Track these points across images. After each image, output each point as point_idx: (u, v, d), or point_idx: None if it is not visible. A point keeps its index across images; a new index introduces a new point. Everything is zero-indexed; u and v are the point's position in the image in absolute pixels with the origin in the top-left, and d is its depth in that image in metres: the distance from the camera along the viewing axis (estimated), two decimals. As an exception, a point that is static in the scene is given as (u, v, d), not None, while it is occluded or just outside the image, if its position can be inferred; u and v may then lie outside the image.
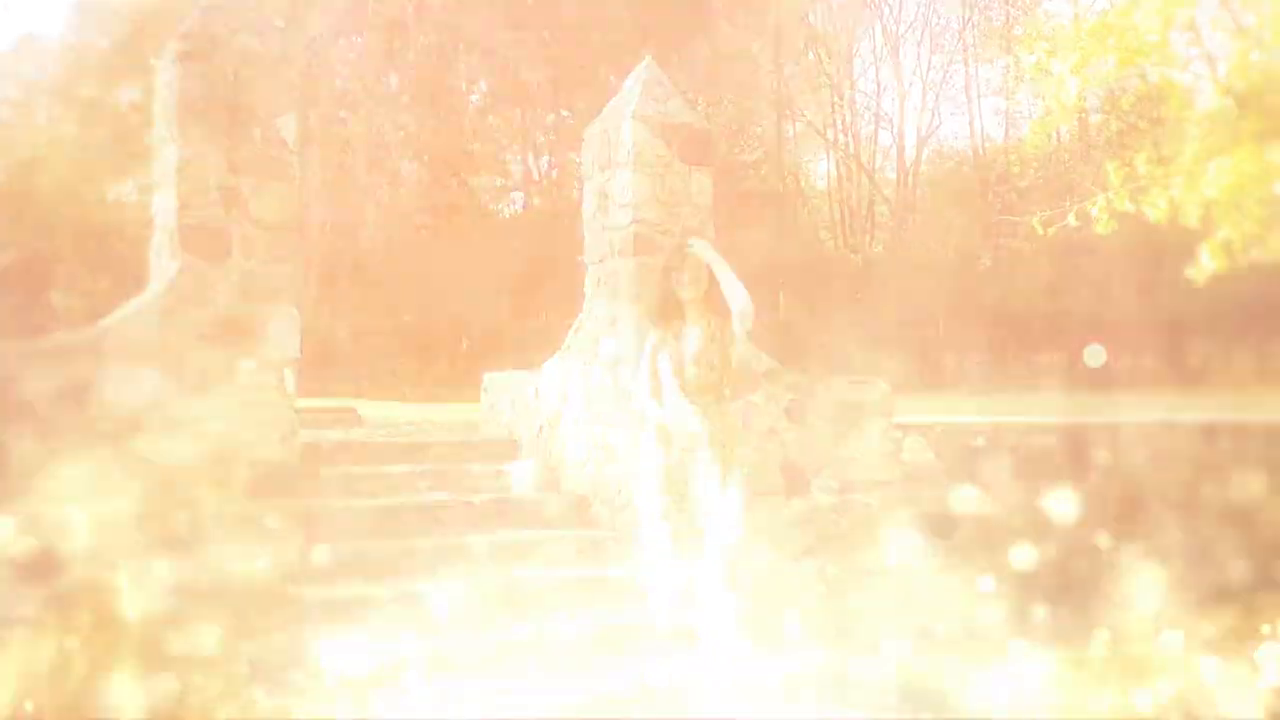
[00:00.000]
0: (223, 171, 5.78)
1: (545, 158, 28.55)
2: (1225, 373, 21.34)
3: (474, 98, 26.92)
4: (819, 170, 34.69)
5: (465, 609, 5.63)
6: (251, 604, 5.52)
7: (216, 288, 5.71)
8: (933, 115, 29.73)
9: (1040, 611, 7.17)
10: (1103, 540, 7.70)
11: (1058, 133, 24.27)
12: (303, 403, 9.96)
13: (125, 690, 4.46)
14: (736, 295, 5.23)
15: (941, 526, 7.34)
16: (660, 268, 5.52)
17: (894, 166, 30.71)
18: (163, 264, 5.89)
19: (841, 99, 29.49)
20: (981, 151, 27.73)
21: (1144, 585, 7.65)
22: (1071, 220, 7.28)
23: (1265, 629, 7.30)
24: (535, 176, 28.71)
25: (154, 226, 6.14)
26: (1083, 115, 22.64)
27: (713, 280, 5.26)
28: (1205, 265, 6.22)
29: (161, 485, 5.45)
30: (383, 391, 20.00)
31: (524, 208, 28.79)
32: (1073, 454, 7.69)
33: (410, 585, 5.68)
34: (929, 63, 29.81)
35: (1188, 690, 6.15)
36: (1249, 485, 8.36)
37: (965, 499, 7.35)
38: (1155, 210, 6.70)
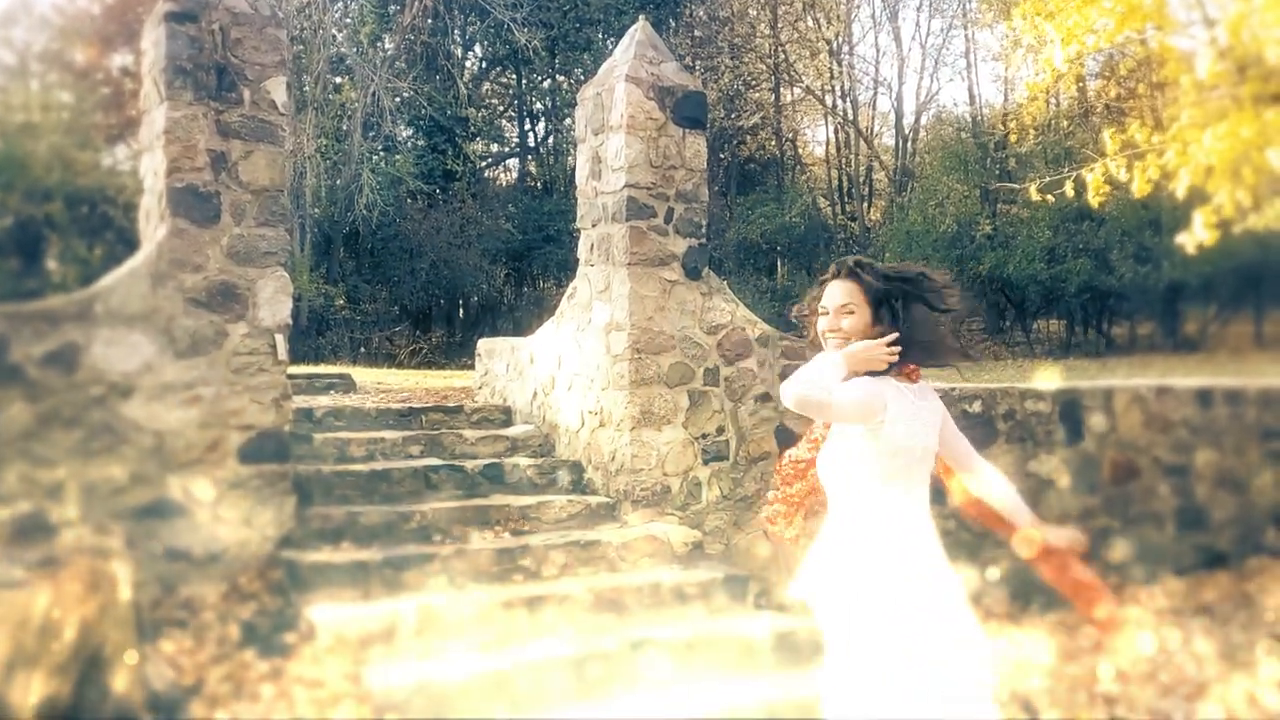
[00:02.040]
0: (211, 134, 5.73)
1: (541, 124, 28.41)
2: (1223, 340, 21.33)
3: (469, 63, 26.74)
4: (817, 136, 34.57)
5: (458, 572, 5.64)
6: (244, 569, 5.53)
7: (206, 252, 5.68)
8: (931, 81, 29.56)
9: (1032, 576, 7.19)
10: (1096, 503, 7.71)
11: (1056, 99, 24.17)
12: (296, 369, 9.95)
13: (117, 655, 4.46)
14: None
15: (935, 490, 7.34)
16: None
17: (892, 133, 30.59)
18: (152, 228, 5.86)
19: (840, 64, 29.29)
20: (980, 118, 27.59)
21: (1137, 550, 7.67)
22: (1068, 190, 7.25)
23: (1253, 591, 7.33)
24: (531, 143, 28.58)
25: (143, 190, 6.10)
26: (1081, 81, 22.51)
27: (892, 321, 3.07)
28: (1198, 233, 6.20)
29: (153, 450, 5.44)
30: (377, 358, 19.99)
31: (520, 174, 28.67)
32: (1067, 418, 7.68)
33: (402, 550, 5.69)
34: (928, 28, 29.64)
35: (1174, 655, 6.18)
36: (1243, 450, 8.36)
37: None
38: (1141, 181, 6.67)
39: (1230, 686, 5.70)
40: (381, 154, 22.76)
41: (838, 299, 3.08)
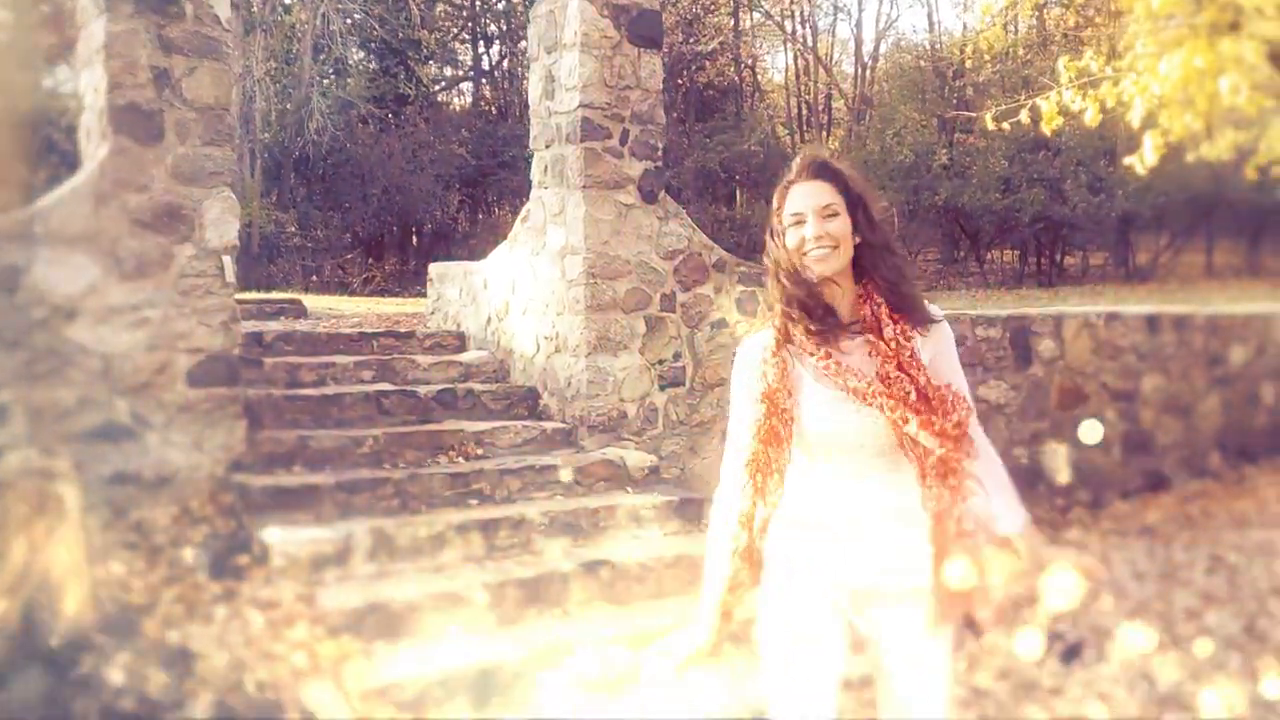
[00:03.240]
0: (153, 50, 5.56)
1: (496, 47, 27.92)
2: (1174, 270, 21.63)
3: (422, -16, 26.12)
4: (776, 63, 34.32)
5: (411, 496, 5.63)
6: (195, 492, 5.49)
7: (150, 171, 5.54)
8: (891, 7, 29.37)
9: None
10: (1044, 428, 7.83)
11: (1014, 26, 24.08)
12: (246, 295, 9.81)
13: (67, 576, 4.43)
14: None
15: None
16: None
17: (851, 60, 30.41)
18: (93, 147, 5.70)
19: (799, -10, 28.96)
20: (939, 45, 27.49)
21: (1083, 473, 7.82)
22: (1023, 117, 7.25)
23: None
24: (485, 66, 28.10)
25: (82, 107, 5.93)
26: (1040, 9, 22.44)
27: (868, 226, 2.52)
28: (1147, 156, 6.24)
29: (100, 373, 5.36)
30: (330, 286, 19.77)
31: (473, 99, 28.23)
32: (1017, 344, 7.77)
33: (355, 474, 5.67)
34: (888, -47, 29.28)
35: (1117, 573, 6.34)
36: (1189, 376, 8.51)
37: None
38: (1094, 109, 6.68)
39: (1171, 605, 5.85)
40: (332, 77, 22.29)
41: (819, 199, 2.47)
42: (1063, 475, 7.70)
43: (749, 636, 2.77)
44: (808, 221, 2.48)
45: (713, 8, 27.76)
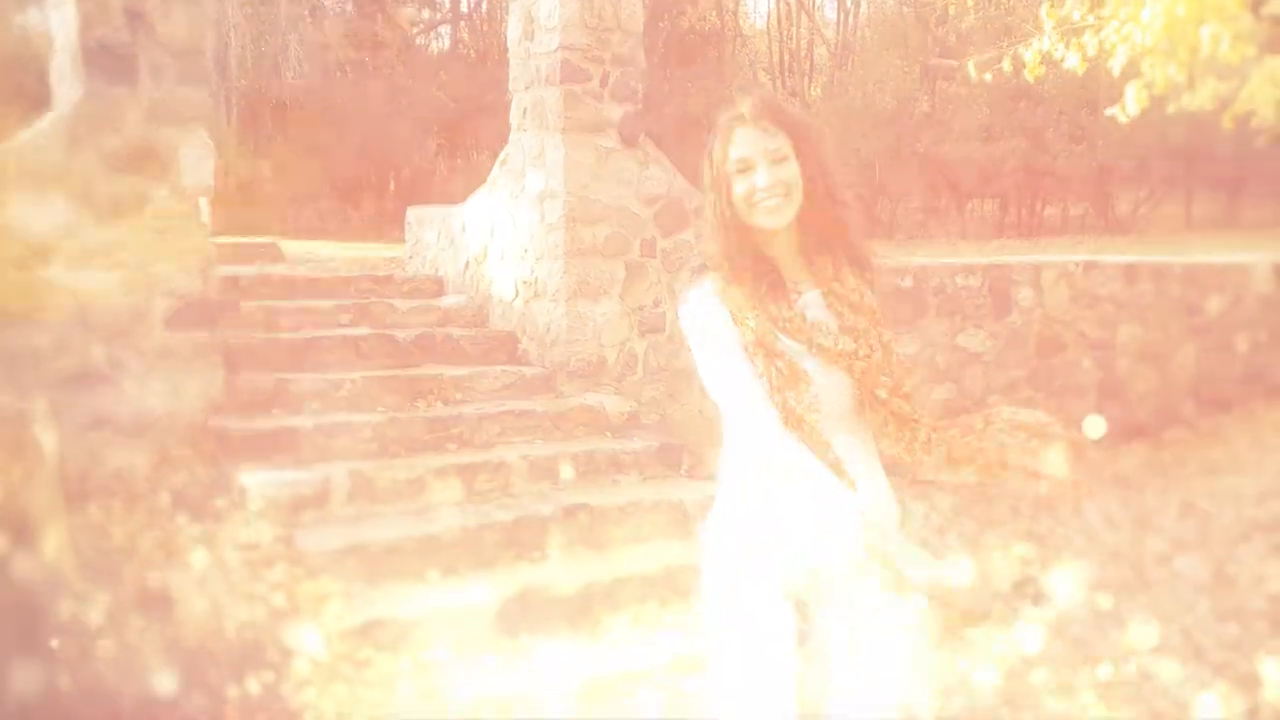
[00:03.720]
0: (126, -12, 5.46)
1: (475, -10, 27.51)
2: (1154, 222, 21.69)
3: (400, -76, 25.65)
4: (758, 8, 33.98)
5: (390, 440, 5.64)
6: (173, 436, 5.47)
7: (125, 113, 5.46)
8: (875, -48, 29.07)
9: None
10: (1021, 377, 7.89)
11: (999, -27, 23.87)
12: (222, 239, 9.72)
13: (45, 520, 4.42)
14: None
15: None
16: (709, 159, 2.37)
17: (834, 6, 30.14)
18: (65, 88, 5.62)
19: (782, -66, 28.61)
20: (922, -9, 27.23)
21: (1057, 420, 7.88)
22: (1006, 66, 7.22)
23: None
24: (464, 9, 27.72)
25: (53, 47, 5.83)
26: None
27: (817, 172, 2.32)
28: (1129, 106, 6.23)
29: (76, 315, 5.31)
30: (307, 232, 19.58)
31: (452, 43, 27.87)
32: (996, 293, 7.79)
33: (333, 417, 5.66)
34: (872, -104, 28.94)
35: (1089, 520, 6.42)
36: (1166, 325, 8.57)
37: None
38: (1078, 57, 6.64)
39: (1142, 550, 5.95)
40: (308, 20, 21.94)
41: (768, 145, 2.26)
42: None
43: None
44: (758, 168, 2.27)
45: (695, -49, 27.38)
